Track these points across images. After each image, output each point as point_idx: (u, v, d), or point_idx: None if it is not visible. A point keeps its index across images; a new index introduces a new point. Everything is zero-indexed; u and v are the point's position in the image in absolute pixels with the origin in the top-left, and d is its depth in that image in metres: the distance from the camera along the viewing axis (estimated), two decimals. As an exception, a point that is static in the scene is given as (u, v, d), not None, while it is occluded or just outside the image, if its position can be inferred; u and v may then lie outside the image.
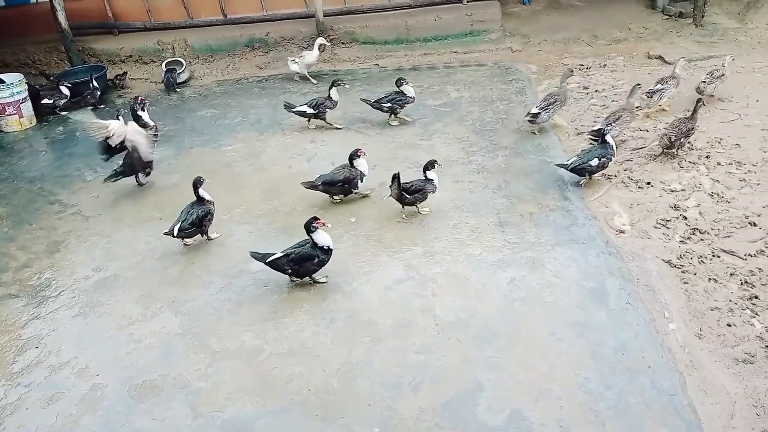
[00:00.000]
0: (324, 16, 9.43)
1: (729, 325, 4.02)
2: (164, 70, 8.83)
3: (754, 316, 4.08)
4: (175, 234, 5.10)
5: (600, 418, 3.46)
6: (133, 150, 6.07)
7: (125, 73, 9.11)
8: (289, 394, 3.80)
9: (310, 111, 7.04)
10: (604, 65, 8.26)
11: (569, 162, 5.55)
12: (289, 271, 4.57)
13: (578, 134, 6.60)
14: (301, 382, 3.87)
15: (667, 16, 9.75)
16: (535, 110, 6.53)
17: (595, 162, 5.45)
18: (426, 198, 5.34)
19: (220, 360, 4.11)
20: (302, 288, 4.66)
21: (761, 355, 3.79)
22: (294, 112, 7.08)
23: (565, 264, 4.66)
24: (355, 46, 9.69)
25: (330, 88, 7.02)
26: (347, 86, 7.49)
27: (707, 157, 5.83)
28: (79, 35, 9.56)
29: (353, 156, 5.65)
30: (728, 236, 4.81)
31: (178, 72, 8.85)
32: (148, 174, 6.37)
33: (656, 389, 3.59)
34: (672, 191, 5.40)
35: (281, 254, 4.52)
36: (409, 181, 5.29)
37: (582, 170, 5.51)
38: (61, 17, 9.03)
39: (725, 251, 4.66)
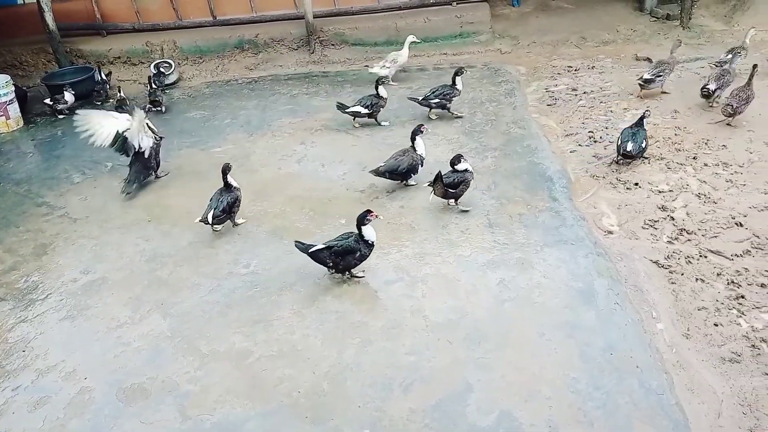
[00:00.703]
0: (314, 17, 9.42)
1: (716, 325, 4.06)
2: (152, 72, 8.76)
3: (741, 316, 4.11)
4: (211, 221, 5.20)
5: (588, 418, 3.48)
6: (138, 149, 6.13)
7: (110, 73, 9.04)
8: (278, 396, 3.79)
9: (364, 111, 7.01)
10: (593, 67, 8.30)
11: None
12: (330, 263, 4.56)
13: (567, 135, 6.63)
14: (290, 384, 3.86)
15: (654, 18, 9.83)
16: (647, 76, 7.07)
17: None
18: (468, 187, 5.37)
19: (209, 362, 4.09)
20: (291, 290, 4.66)
21: (747, 355, 3.83)
22: (348, 112, 7.05)
23: (554, 265, 4.68)
24: (345, 48, 9.69)
25: (376, 86, 7.01)
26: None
27: (694, 158, 5.88)
28: (66, 36, 9.49)
29: (416, 132, 5.75)
30: (715, 236, 4.85)
31: (166, 74, 8.80)
32: (158, 166, 6.43)
33: (644, 389, 3.62)
34: (659, 192, 5.44)
35: (324, 246, 4.49)
36: (447, 175, 5.30)
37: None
38: (49, 18, 8.96)
39: (712, 251, 4.70)
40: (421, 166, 5.77)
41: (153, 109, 7.94)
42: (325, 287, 4.65)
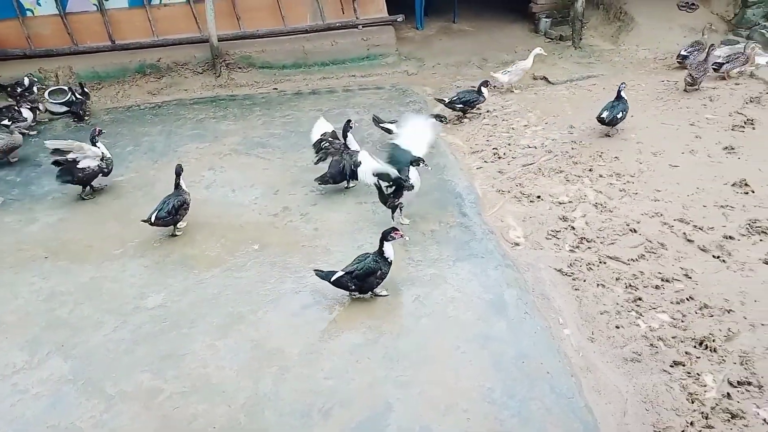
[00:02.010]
0: (219, 40, 9.28)
1: (617, 327, 4.29)
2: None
3: (639, 317, 4.37)
4: (153, 221, 5.29)
5: (505, 426, 3.57)
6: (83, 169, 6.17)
7: (83, 93, 8.43)
8: (192, 433, 3.63)
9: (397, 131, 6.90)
10: (494, 87, 8.66)
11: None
12: (353, 287, 4.54)
13: (473, 153, 6.86)
14: (205, 420, 3.71)
15: (549, 39, 10.43)
16: (684, 52, 8.46)
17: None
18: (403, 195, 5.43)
19: (117, 404, 3.87)
20: (203, 321, 4.50)
21: (647, 353, 4.07)
22: (381, 127, 7.00)
23: (466, 278, 4.80)
24: (252, 71, 9.61)
25: (436, 117, 6.99)
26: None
27: (590, 170, 6.24)
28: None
29: (346, 129, 6.24)
30: (612, 243, 5.15)
31: (58, 102, 8.34)
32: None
33: (555, 394, 3.76)
34: (560, 203, 5.73)
35: (343, 272, 4.49)
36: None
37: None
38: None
39: (610, 257, 4.98)
40: (355, 167, 5.84)
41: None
42: (239, 316, 4.53)
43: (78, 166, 6.11)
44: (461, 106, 7.55)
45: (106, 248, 5.43)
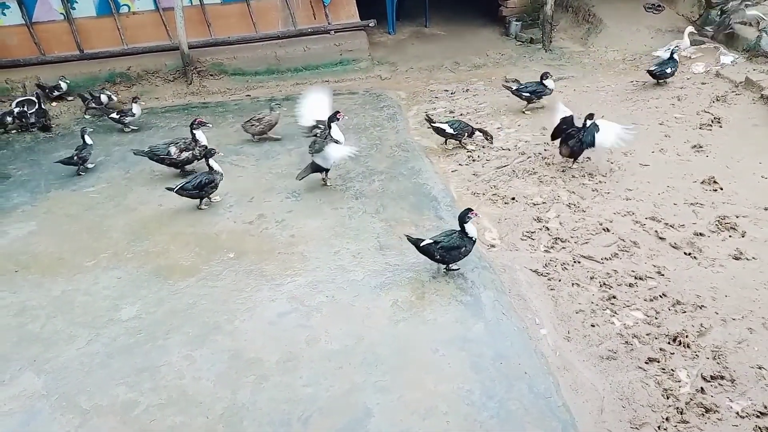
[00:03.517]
0: (189, 48, 9.19)
1: (593, 326, 4.34)
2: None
3: (614, 315, 4.43)
4: (175, 190, 5.73)
5: (484, 427, 3.59)
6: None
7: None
8: (170, 446, 3.58)
9: (450, 131, 6.87)
10: (467, 90, 8.73)
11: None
12: (438, 257, 4.75)
13: (447, 156, 6.90)
14: (182, 432, 3.67)
15: (519, 42, 10.54)
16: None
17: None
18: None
19: (92, 419, 3.79)
20: (179, 332, 4.44)
21: (622, 351, 4.12)
22: (434, 127, 6.95)
23: (443, 281, 4.81)
24: (224, 78, 9.54)
25: (470, 134, 6.96)
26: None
27: (563, 171, 6.32)
28: None
29: (332, 119, 6.36)
30: (586, 243, 5.21)
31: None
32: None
33: (533, 394, 3.79)
34: (534, 204, 5.79)
35: (431, 241, 4.73)
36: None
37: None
38: None
39: (584, 257, 5.05)
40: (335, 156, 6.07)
41: None
42: (215, 325, 4.48)
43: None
44: (528, 95, 7.71)
45: (78, 260, 5.33)
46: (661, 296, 4.55)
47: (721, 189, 5.77)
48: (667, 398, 3.74)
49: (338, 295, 4.74)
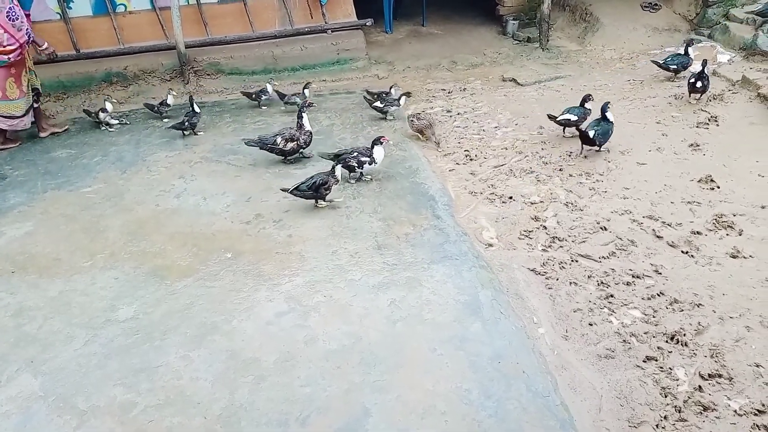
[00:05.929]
0: (186, 47, 9.19)
1: (590, 324, 4.34)
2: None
3: (612, 314, 4.43)
4: (290, 190, 5.74)
5: (482, 427, 3.58)
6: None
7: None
8: (168, 447, 3.57)
9: (574, 119, 6.82)
10: (464, 89, 8.74)
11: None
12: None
13: (445, 155, 6.90)
14: (180, 432, 3.66)
15: (517, 41, 10.56)
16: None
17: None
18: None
19: (89, 420, 3.78)
20: (176, 332, 4.43)
21: (620, 350, 4.12)
22: (558, 122, 6.91)
23: (441, 281, 4.81)
24: (221, 78, 9.54)
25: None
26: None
27: (560, 169, 6.32)
28: None
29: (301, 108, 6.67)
30: (583, 241, 5.22)
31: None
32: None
33: (531, 393, 3.79)
34: (532, 203, 5.79)
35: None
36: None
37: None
38: None
39: (582, 255, 5.05)
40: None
41: None
42: (213, 326, 4.47)
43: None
44: (675, 67, 8.07)
45: (75, 261, 5.32)
46: (658, 295, 4.56)
47: (719, 187, 5.78)
48: (665, 397, 3.74)
49: (336, 295, 4.73)
